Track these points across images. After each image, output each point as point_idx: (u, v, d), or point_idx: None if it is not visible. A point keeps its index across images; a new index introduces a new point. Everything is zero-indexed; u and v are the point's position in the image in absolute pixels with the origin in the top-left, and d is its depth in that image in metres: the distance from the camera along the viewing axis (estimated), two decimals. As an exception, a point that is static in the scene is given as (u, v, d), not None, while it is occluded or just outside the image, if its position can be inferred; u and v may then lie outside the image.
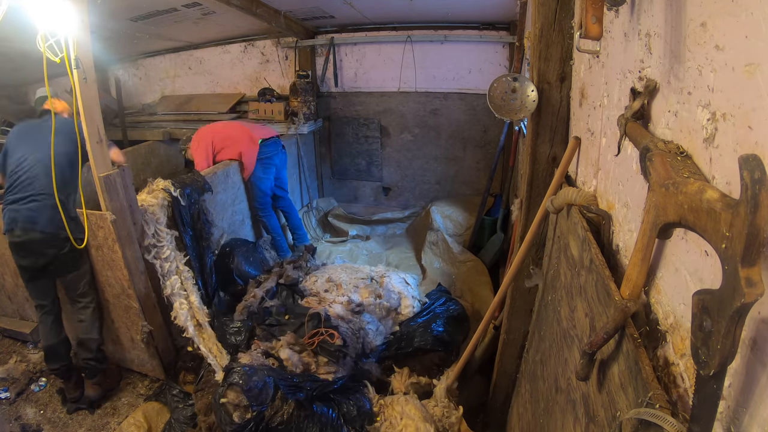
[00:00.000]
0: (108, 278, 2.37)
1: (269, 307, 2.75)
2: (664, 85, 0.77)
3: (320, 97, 4.62)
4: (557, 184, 1.43)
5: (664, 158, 0.67)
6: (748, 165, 0.41)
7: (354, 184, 5.02)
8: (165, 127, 4.57)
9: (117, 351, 2.67)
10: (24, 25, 1.77)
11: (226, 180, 3.24)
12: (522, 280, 1.79)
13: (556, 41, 1.41)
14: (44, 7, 1.71)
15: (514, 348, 1.97)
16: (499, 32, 3.95)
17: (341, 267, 3.47)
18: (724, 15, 0.57)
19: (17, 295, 2.90)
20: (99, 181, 2.10)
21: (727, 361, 0.47)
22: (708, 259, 0.61)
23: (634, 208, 0.90)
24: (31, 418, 2.39)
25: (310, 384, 2.14)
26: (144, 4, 3.39)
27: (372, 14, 3.98)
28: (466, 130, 4.37)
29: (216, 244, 3.12)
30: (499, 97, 1.48)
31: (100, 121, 2.06)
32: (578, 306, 1.07)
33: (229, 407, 1.95)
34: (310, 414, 2.01)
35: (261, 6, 3.54)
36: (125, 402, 2.52)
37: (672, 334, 0.70)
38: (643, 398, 0.65)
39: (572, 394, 1.06)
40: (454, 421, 2.05)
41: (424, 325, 2.61)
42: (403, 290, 3.04)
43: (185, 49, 4.94)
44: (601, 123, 1.15)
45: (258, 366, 2.19)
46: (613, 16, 1.05)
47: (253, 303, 2.76)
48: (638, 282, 0.76)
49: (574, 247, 1.17)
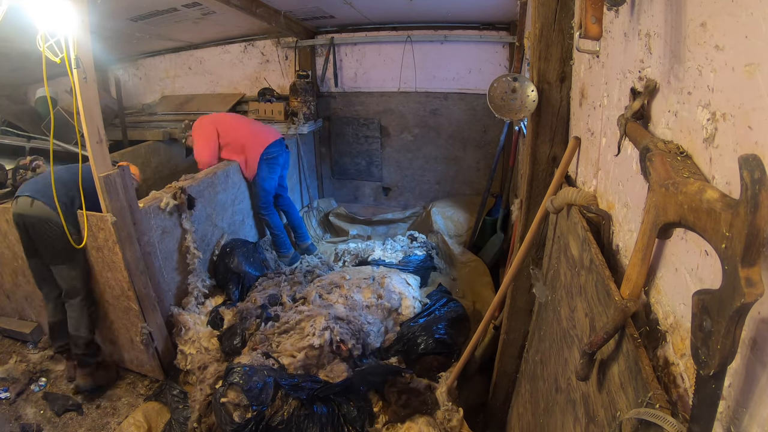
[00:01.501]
0: (108, 280, 2.37)
1: (270, 312, 2.76)
2: (664, 85, 0.77)
3: (320, 97, 4.62)
4: (557, 184, 1.43)
5: (664, 158, 0.67)
6: (748, 165, 0.41)
7: (354, 184, 5.02)
8: (165, 127, 4.57)
9: (116, 351, 2.67)
10: (24, 25, 1.77)
11: (226, 180, 3.24)
12: (522, 280, 1.80)
13: (556, 41, 1.41)
14: (44, 7, 1.71)
15: (514, 348, 1.97)
16: (499, 32, 3.95)
17: (344, 270, 3.48)
18: (724, 15, 0.57)
19: (16, 294, 2.90)
20: (99, 182, 2.09)
21: (727, 361, 0.47)
22: (708, 259, 0.61)
23: (634, 208, 0.90)
24: (31, 418, 2.39)
25: (311, 384, 2.14)
26: (144, 4, 3.39)
27: (372, 14, 3.98)
28: (466, 130, 4.37)
29: (216, 244, 3.12)
30: (499, 97, 1.48)
31: (100, 121, 2.06)
32: (578, 306, 1.07)
33: (229, 407, 1.95)
34: (310, 414, 2.01)
35: (261, 6, 3.54)
36: (125, 402, 2.52)
37: (672, 334, 0.70)
38: (643, 398, 0.65)
39: (572, 394, 1.06)
40: (455, 424, 2.05)
41: (426, 327, 2.60)
42: (404, 291, 3.04)
43: (185, 49, 4.94)
44: (601, 123, 1.15)
45: (258, 366, 2.19)
46: (613, 16, 1.05)
47: (250, 308, 2.76)
48: (638, 282, 0.76)
49: (574, 247, 1.17)
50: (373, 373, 2.23)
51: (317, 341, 2.38)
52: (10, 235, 2.58)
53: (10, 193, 2.70)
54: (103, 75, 5.22)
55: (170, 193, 2.61)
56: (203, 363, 2.46)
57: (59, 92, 4.53)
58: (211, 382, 2.31)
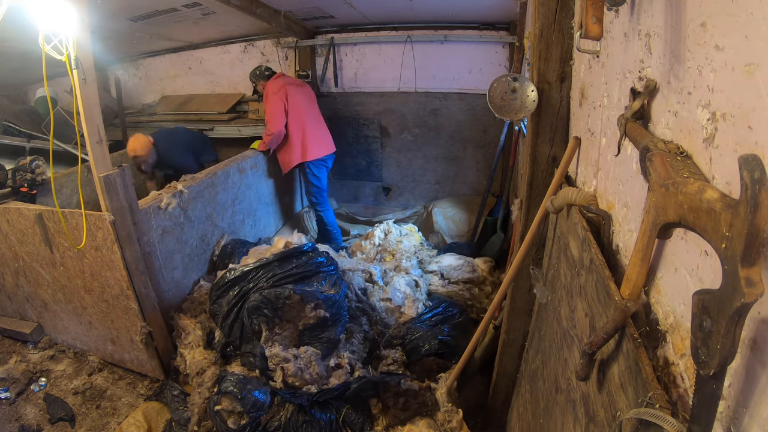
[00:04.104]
0: (107, 279, 2.37)
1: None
2: (664, 85, 0.77)
3: (320, 97, 4.61)
4: (557, 184, 1.43)
5: (664, 158, 0.67)
6: (748, 165, 0.41)
7: (354, 184, 5.02)
8: (165, 127, 4.57)
9: (116, 351, 2.67)
10: (24, 25, 1.77)
11: (226, 180, 3.24)
12: (522, 280, 1.79)
13: (556, 41, 1.41)
14: (44, 7, 1.71)
15: (514, 348, 1.97)
16: (499, 32, 3.95)
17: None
18: (724, 15, 0.57)
19: (17, 295, 2.90)
20: (99, 181, 2.09)
21: (727, 361, 0.47)
22: (708, 259, 0.61)
23: (634, 208, 0.90)
24: (31, 419, 2.39)
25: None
26: (144, 4, 3.39)
27: (372, 14, 3.98)
28: (466, 130, 4.37)
29: (216, 244, 3.12)
30: (499, 97, 1.48)
31: (100, 121, 2.06)
32: (578, 306, 1.07)
33: (223, 414, 1.95)
34: (309, 420, 2.00)
35: (261, 6, 3.54)
36: (125, 402, 2.52)
37: (672, 334, 0.70)
38: (643, 398, 0.65)
39: (572, 394, 1.06)
40: (455, 425, 2.05)
41: (429, 327, 2.61)
42: (409, 291, 3.06)
43: (185, 49, 4.94)
44: (601, 123, 1.15)
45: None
46: (613, 16, 1.05)
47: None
48: (638, 282, 0.76)
49: (574, 247, 1.17)
50: (371, 382, 2.20)
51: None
52: (11, 236, 2.58)
53: (11, 193, 2.70)
54: (103, 75, 5.22)
55: (170, 193, 2.62)
56: (201, 368, 2.45)
57: (59, 92, 4.54)
58: (209, 386, 2.31)
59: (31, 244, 2.53)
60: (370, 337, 2.62)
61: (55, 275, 2.58)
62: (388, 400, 2.11)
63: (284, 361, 2.23)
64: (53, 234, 2.40)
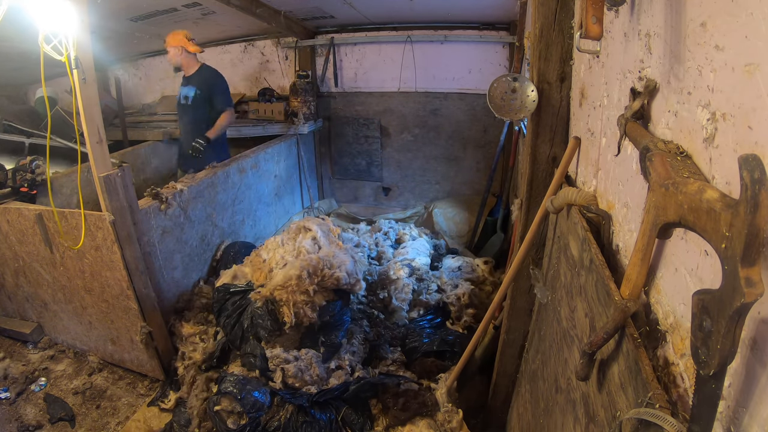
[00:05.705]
0: (107, 279, 2.37)
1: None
2: (664, 85, 0.77)
3: (320, 97, 4.62)
4: (557, 184, 1.43)
5: (664, 158, 0.67)
6: (748, 165, 0.41)
7: (354, 184, 5.02)
8: (165, 127, 4.56)
9: (116, 351, 2.67)
10: (24, 25, 1.77)
11: (226, 180, 3.24)
12: (522, 280, 1.79)
13: (556, 41, 1.41)
14: (44, 7, 1.71)
15: (514, 348, 1.97)
16: (499, 32, 3.95)
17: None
18: (724, 15, 0.57)
19: (17, 295, 2.90)
20: (99, 181, 2.09)
21: (727, 361, 0.47)
22: (708, 259, 0.61)
23: (634, 208, 0.90)
24: (31, 418, 2.39)
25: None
26: (144, 4, 3.39)
27: (372, 14, 3.98)
28: (466, 130, 4.37)
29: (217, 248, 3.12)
30: (499, 97, 1.48)
31: (100, 121, 2.06)
32: (578, 306, 1.07)
33: (223, 414, 1.95)
34: (309, 420, 2.00)
35: (261, 6, 3.54)
36: (125, 402, 2.52)
37: (672, 334, 0.70)
38: (643, 398, 0.65)
39: (572, 394, 1.06)
40: (455, 425, 2.05)
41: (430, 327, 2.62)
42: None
43: (185, 49, 4.93)
44: (601, 123, 1.15)
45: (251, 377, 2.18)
46: (613, 16, 1.05)
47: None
48: (638, 282, 0.76)
49: (574, 247, 1.17)
50: (369, 384, 2.20)
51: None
52: (11, 236, 2.58)
53: (11, 193, 2.70)
54: (103, 75, 5.21)
55: (170, 193, 2.61)
56: (198, 372, 2.45)
57: (59, 92, 4.53)
58: (208, 388, 2.31)
59: (31, 244, 2.53)
60: (371, 338, 2.62)
61: (55, 275, 2.58)
62: (388, 401, 2.11)
63: (285, 362, 2.23)
64: (53, 234, 2.40)
